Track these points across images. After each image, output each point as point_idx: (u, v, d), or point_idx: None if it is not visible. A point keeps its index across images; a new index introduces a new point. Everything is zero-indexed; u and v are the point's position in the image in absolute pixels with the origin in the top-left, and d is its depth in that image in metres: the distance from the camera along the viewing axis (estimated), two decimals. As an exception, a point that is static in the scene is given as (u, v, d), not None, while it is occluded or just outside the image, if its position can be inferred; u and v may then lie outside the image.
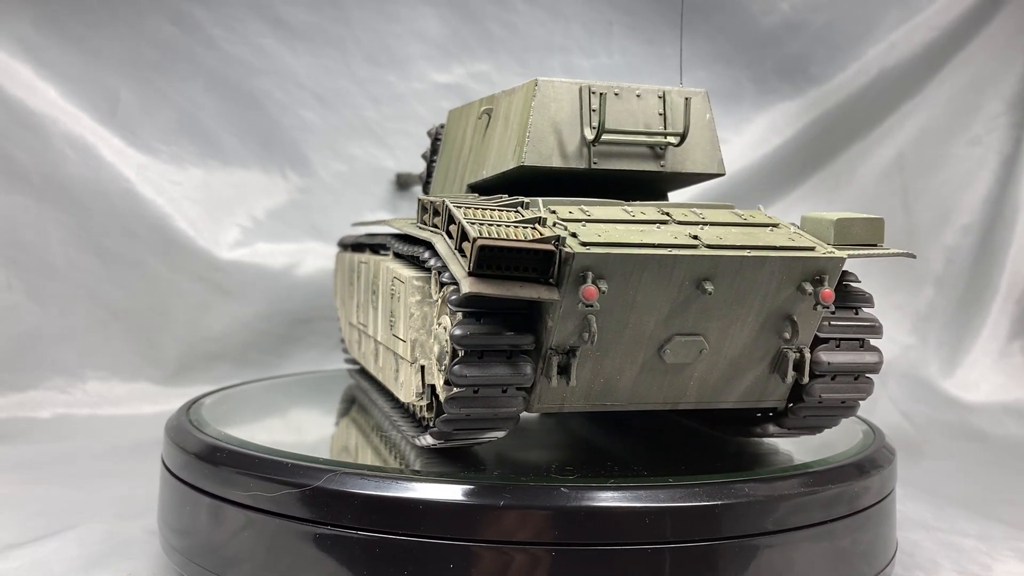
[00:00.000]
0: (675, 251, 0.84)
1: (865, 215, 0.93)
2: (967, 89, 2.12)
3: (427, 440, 0.96)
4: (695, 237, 0.87)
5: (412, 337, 0.97)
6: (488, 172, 1.08)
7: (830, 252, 0.88)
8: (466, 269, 0.80)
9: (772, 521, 0.89)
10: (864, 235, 0.92)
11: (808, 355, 0.92)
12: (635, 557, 0.86)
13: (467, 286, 0.79)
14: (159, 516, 1.09)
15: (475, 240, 0.79)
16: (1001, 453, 1.78)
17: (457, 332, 0.83)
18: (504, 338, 0.84)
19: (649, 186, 1.08)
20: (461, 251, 0.84)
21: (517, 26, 2.08)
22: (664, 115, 1.03)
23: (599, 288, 0.81)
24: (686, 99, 1.03)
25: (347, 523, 0.87)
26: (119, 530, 1.20)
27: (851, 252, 0.90)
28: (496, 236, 0.81)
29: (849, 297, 0.94)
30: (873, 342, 0.95)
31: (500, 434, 0.93)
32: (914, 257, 0.97)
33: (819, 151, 2.14)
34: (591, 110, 1.01)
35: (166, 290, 1.91)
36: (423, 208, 1.01)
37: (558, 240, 0.82)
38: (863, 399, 0.97)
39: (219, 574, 0.96)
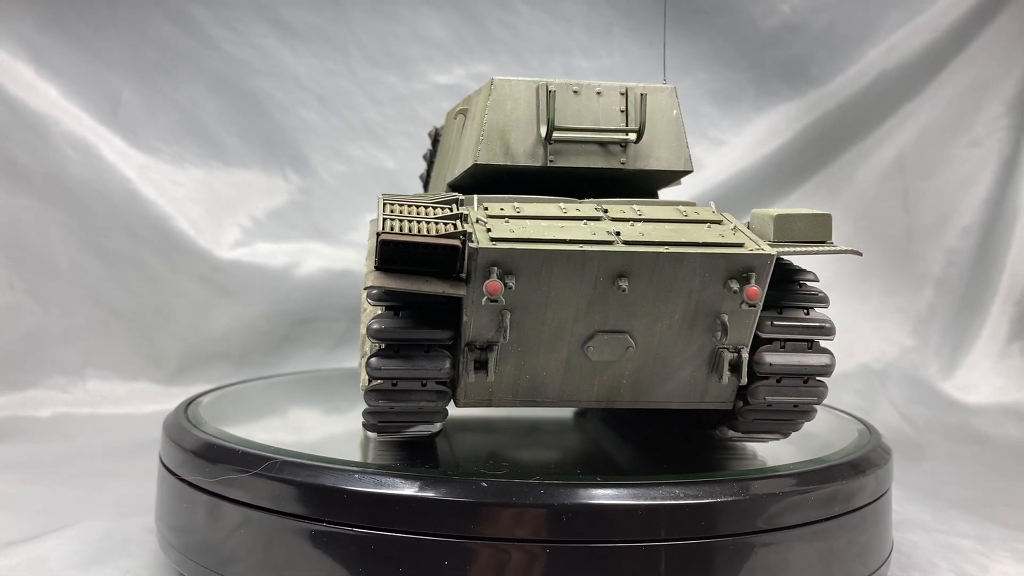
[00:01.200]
0: (585, 247, 0.83)
1: (810, 210, 0.89)
2: (967, 91, 2.12)
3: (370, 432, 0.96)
4: (617, 233, 0.86)
5: (363, 332, 0.97)
6: (458, 171, 1.08)
7: (759, 249, 0.85)
8: (374, 263, 0.82)
9: (767, 519, 0.89)
10: (808, 231, 0.88)
11: (746, 355, 0.89)
12: (630, 555, 0.86)
13: (370, 280, 0.82)
14: (157, 514, 1.10)
15: (379, 235, 0.81)
16: (1001, 455, 1.78)
17: (374, 326, 0.85)
18: (420, 332, 0.86)
19: (614, 184, 1.05)
20: None
21: (518, 27, 2.08)
22: (626, 112, 1.01)
23: (505, 283, 0.82)
24: (641, 95, 1.00)
25: (343, 520, 0.87)
26: (118, 528, 1.21)
27: (783, 250, 0.86)
28: (405, 232, 0.82)
29: (800, 296, 0.91)
30: (825, 344, 0.91)
31: (431, 427, 0.94)
32: (860, 255, 0.90)
33: (819, 152, 2.14)
34: (548, 108, 1.00)
35: (167, 290, 1.92)
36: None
37: (464, 236, 0.82)
38: (816, 403, 0.93)
39: (216, 571, 0.96)
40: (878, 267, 2.15)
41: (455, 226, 0.84)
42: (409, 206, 0.89)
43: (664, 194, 1.13)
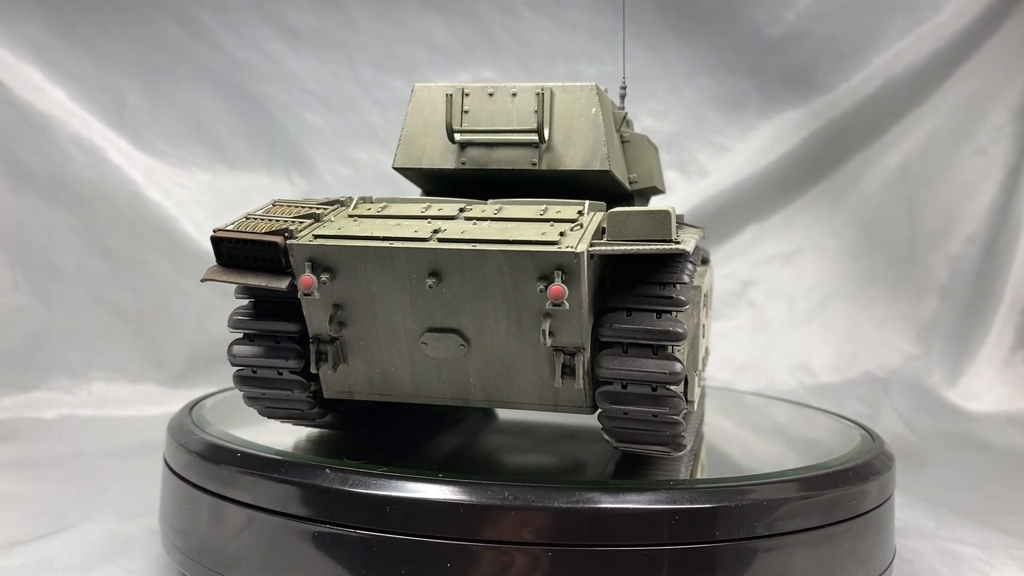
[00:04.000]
0: (394, 244, 0.85)
1: (647, 208, 0.84)
2: (972, 99, 2.13)
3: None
4: (440, 231, 0.86)
5: None
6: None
7: (568, 247, 0.81)
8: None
9: (769, 525, 0.89)
10: (644, 230, 0.82)
11: (581, 359, 0.86)
12: (632, 559, 0.86)
13: (206, 273, 0.91)
14: (160, 515, 1.10)
15: (214, 231, 0.90)
16: (1004, 463, 1.77)
17: (233, 316, 0.95)
18: (266, 324, 0.94)
19: (532, 185, 1.03)
20: None
21: (523, 33, 2.09)
22: (540, 112, 0.99)
23: (320, 279, 0.86)
24: (538, 94, 0.99)
25: (346, 522, 0.87)
26: (121, 529, 1.21)
27: (596, 248, 0.82)
28: (242, 229, 0.90)
29: (652, 300, 0.85)
30: (675, 350, 0.86)
31: (311, 415, 0.99)
32: (683, 253, 0.83)
33: (824, 160, 2.15)
34: (462, 112, 1.01)
35: (172, 292, 1.92)
36: None
37: (285, 233, 0.87)
38: (671, 415, 0.86)
39: (219, 573, 0.96)
40: (882, 274, 2.15)
41: (285, 224, 0.89)
42: (289, 207, 0.95)
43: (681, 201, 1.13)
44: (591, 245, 0.82)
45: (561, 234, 0.83)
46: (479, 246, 0.83)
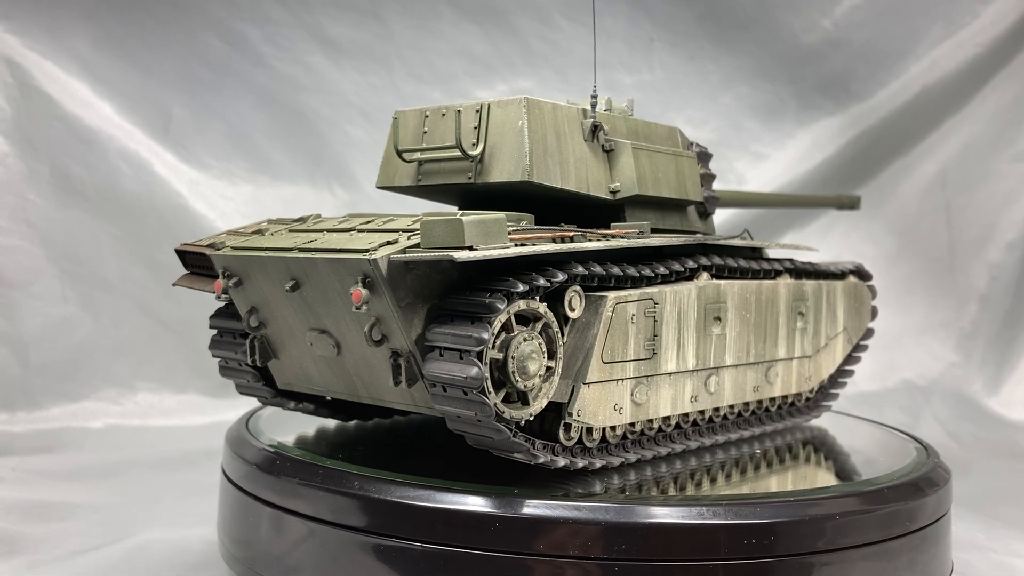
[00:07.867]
0: (266, 253, 0.95)
1: (447, 216, 0.85)
2: (1011, 105, 2.11)
3: None
4: (312, 242, 0.94)
5: None
6: None
7: (369, 256, 0.85)
8: None
9: (828, 539, 0.89)
10: (446, 237, 0.84)
11: (407, 360, 0.89)
12: (688, 573, 0.86)
13: (176, 280, 1.11)
14: (219, 525, 1.11)
15: (178, 245, 1.09)
16: (1048, 472, 1.76)
17: (209, 317, 1.12)
18: (223, 322, 1.11)
19: (472, 198, 1.10)
20: None
21: (559, 43, 2.10)
22: (478, 128, 1.03)
23: (227, 283, 0.99)
24: (457, 112, 1.02)
25: (409, 535, 0.88)
26: (178, 539, 1.23)
27: (397, 257, 0.84)
28: (192, 243, 1.06)
29: (472, 305, 0.86)
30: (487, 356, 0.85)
31: (276, 402, 1.13)
32: (453, 260, 0.81)
33: (862, 167, 2.14)
34: (422, 132, 1.07)
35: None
36: None
37: (212, 245, 1.02)
38: (482, 419, 0.85)
39: (280, 584, 0.97)
40: (921, 282, 2.14)
41: (230, 238, 1.04)
42: (270, 223, 1.09)
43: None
44: (403, 252, 0.85)
45: (388, 243, 0.88)
46: (312, 255, 0.90)
